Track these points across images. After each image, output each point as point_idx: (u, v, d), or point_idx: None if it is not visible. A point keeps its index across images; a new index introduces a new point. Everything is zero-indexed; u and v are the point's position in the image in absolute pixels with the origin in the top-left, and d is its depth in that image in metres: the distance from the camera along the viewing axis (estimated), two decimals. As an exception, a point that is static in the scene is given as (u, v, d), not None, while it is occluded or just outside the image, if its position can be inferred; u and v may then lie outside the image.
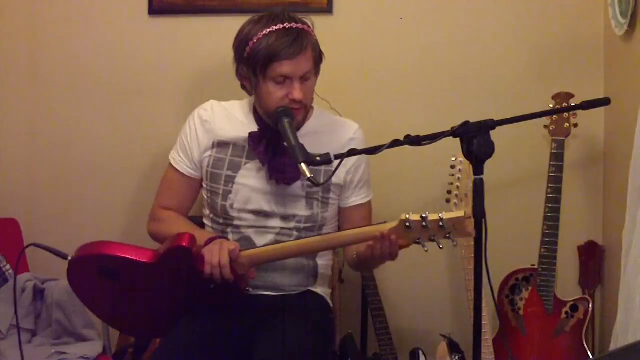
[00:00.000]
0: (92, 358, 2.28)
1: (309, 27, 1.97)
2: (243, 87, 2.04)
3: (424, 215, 1.68)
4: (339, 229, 2.16)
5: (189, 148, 2.09)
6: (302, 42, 1.91)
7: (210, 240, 1.91)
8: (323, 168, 1.97)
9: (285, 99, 1.92)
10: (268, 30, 1.90)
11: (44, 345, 2.34)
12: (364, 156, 2.06)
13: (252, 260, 1.88)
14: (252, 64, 1.93)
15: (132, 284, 1.91)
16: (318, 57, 1.99)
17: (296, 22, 1.93)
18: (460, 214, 1.66)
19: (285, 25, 1.91)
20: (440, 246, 1.72)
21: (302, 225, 2.05)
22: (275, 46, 1.88)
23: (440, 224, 1.66)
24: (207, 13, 2.60)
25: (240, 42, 1.96)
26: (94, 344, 2.34)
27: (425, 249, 1.74)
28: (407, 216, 1.69)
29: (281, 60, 1.89)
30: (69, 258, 1.87)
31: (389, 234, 1.77)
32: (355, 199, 2.12)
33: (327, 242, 1.91)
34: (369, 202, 2.16)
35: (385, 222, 1.78)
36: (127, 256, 1.85)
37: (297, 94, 1.91)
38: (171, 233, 1.92)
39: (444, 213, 1.67)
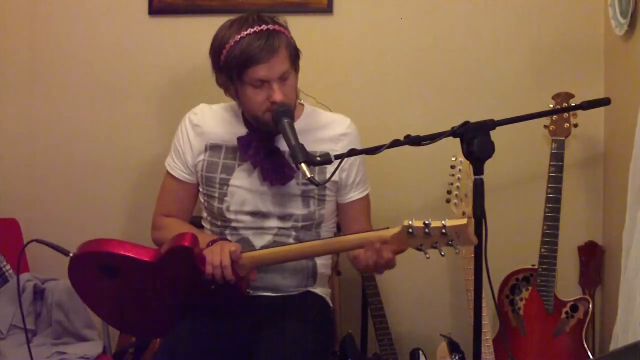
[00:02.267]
0: (92, 358, 2.28)
1: (280, 25, 1.95)
2: (227, 94, 2.03)
3: (426, 222, 1.66)
4: (340, 224, 2.17)
5: (182, 153, 2.09)
6: (273, 43, 1.88)
7: (212, 242, 1.91)
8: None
9: (266, 102, 1.91)
10: (239, 36, 1.89)
11: (44, 345, 2.34)
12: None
13: (253, 261, 1.88)
14: (228, 72, 1.92)
15: (132, 282, 1.91)
16: (294, 54, 1.97)
17: (266, 24, 1.91)
18: (463, 221, 1.63)
19: (255, 28, 1.89)
20: (442, 253, 1.71)
21: (299, 224, 2.04)
22: (248, 51, 1.87)
23: (443, 231, 1.65)
24: (207, 13, 2.60)
25: (215, 51, 1.95)
26: (94, 344, 2.35)
27: (427, 255, 1.73)
28: (410, 222, 1.68)
29: (256, 65, 1.87)
30: (71, 254, 1.87)
31: (384, 244, 1.76)
32: (354, 194, 2.11)
33: (329, 247, 1.91)
34: (367, 195, 2.15)
35: (387, 228, 1.77)
36: (129, 254, 1.85)
37: (277, 96, 1.89)
38: None
39: (447, 220, 1.65)
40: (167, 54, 2.65)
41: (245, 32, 1.88)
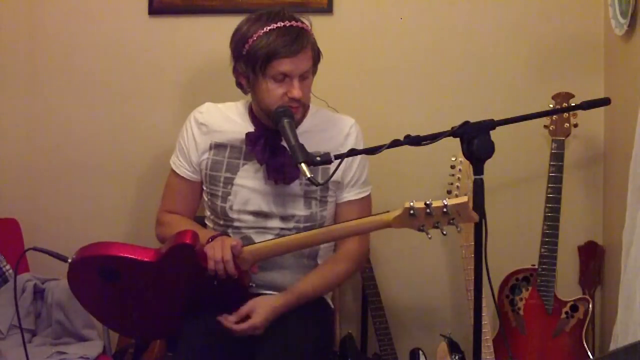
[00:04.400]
0: (92, 358, 2.28)
1: (307, 26, 1.97)
2: (239, 85, 2.03)
3: (428, 203, 1.68)
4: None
5: (186, 151, 2.09)
6: (302, 40, 1.91)
7: (212, 238, 1.91)
8: (320, 167, 1.96)
9: (285, 97, 1.92)
10: (268, 28, 1.90)
11: (44, 345, 2.34)
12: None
13: (254, 255, 1.89)
14: (252, 62, 1.92)
15: (134, 284, 1.90)
16: (317, 56, 1.99)
17: (296, 21, 1.94)
18: (464, 199, 1.67)
19: (285, 23, 1.91)
20: (444, 232, 1.72)
21: (301, 225, 2.04)
22: (276, 44, 1.88)
23: (444, 210, 1.67)
24: (207, 13, 2.60)
25: (239, 40, 1.95)
26: (94, 344, 2.35)
27: (429, 236, 1.74)
28: (411, 204, 1.70)
29: (282, 58, 1.89)
30: (69, 260, 1.85)
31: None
32: (347, 195, 2.09)
33: (329, 234, 1.90)
34: (364, 199, 2.11)
35: (388, 212, 1.78)
36: (129, 256, 1.84)
37: (297, 92, 1.91)
38: None
39: (447, 199, 1.68)
40: (167, 54, 2.64)
41: (275, 25, 1.90)
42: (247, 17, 1.97)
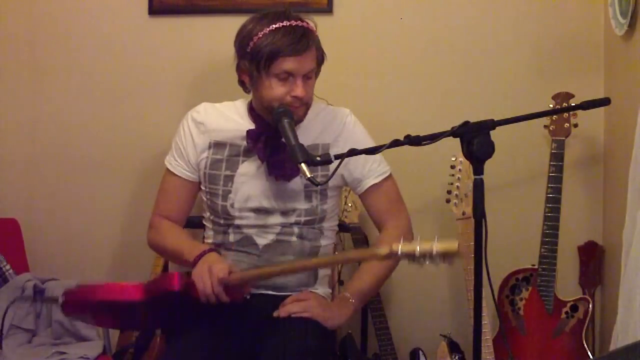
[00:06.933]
0: (92, 358, 2.27)
1: (312, 26, 1.98)
2: (240, 83, 2.03)
3: (415, 254, 1.65)
4: (372, 219, 2.15)
5: (184, 151, 2.08)
6: (307, 40, 1.91)
7: (199, 257, 1.91)
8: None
9: (287, 96, 1.92)
10: (274, 26, 1.90)
11: (44, 345, 2.34)
12: (357, 137, 2.06)
13: (243, 280, 1.91)
14: (256, 60, 1.92)
15: (127, 314, 1.95)
16: (320, 58, 2.00)
17: (301, 21, 1.94)
18: (454, 246, 1.62)
19: (291, 22, 1.91)
20: (427, 262, 1.70)
21: (302, 219, 2.04)
22: (281, 43, 1.89)
23: (432, 254, 1.64)
24: (207, 13, 2.61)
25: (243, 38, 1.96)
26: (94, 344, 2.34)
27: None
28: (398, 249, 1.67)
29: (286, 57, 1.89)
30: (60, 302, 1.90)
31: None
32: (368, 180, 2.08)
33: (319, 263, 1.96)
34: (386, 180, 2.10)
35: (377, 247, 1.79)
36: (116, 299, 1.84)
37: (300, 91, 1.92)
38: (165, 245, 2.03)
39: (437, 243, 1.63)
40: (167, 54, 2.65)
41: (281, 24, 1.90)
42: (252, 16, 1.98)
